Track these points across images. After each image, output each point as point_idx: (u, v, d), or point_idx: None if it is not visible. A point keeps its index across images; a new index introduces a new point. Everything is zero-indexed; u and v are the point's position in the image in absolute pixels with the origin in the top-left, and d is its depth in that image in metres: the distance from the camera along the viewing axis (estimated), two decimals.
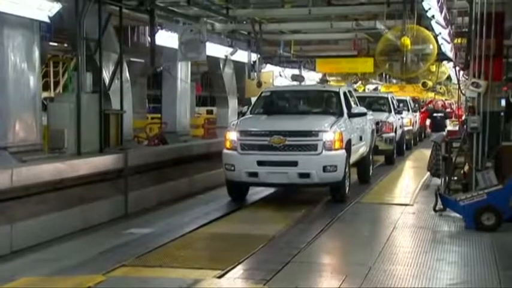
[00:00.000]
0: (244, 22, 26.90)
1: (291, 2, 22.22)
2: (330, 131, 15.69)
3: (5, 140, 13.23)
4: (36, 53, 15.07)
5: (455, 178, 15.05)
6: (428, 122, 33.95)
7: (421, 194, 17.46)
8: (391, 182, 20.85)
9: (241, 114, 20.62)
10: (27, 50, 14.76)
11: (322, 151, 15.39)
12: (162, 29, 22.38)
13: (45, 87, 28.33)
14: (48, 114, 15.74)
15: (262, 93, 19.54)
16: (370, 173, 20.75)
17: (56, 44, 21.39)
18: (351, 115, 17.71)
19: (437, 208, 14.14)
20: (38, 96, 14.65)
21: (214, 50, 26.13)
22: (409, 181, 21.38)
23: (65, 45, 20.83)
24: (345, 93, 18.63)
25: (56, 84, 31.93)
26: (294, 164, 15.42)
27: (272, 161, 15.64)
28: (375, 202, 16.78)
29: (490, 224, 12.55)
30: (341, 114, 17.31)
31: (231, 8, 23.62)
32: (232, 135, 16.12)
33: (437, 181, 16.32)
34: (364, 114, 18.64)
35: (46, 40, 18.40)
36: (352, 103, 19.07)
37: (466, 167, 14.88)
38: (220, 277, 9.60)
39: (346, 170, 16.28)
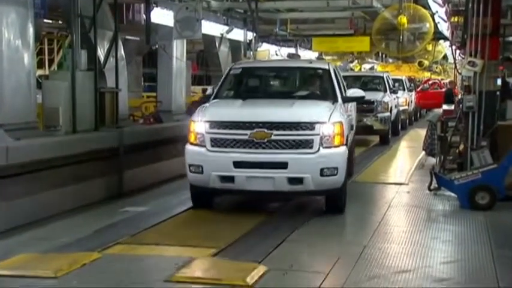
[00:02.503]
0: (240, 0, 26.95)
1: None
2: (329, 122, 12.05)
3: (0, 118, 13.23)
4: (31, 30, 14.82)
5: (451, 157, 15.14)
6: (445, 107, 27.33)
7: (416, 174, 17.49)
8: (386, 162, 20.96)
9: (205, 98, 15.07)
10: (21, 27, 14.52)
11: (319, 149, 11.83)
12: (157, 6, 22.39)
13: (40, 65, 28.38)
14: (43, 92, 15.70)
15: (231, 69, 15.11)
16: (353, 167, 16.96)
17: (50, 21, 21.41)
18: (347, 99, 14.24)
19: (432, 187, 14.28)
20: (32, 73, 14.54)
21: (210, 28, 26.28)
22: (404, 161, 21.52)
23: (60, 22, 20.81)
24: (335, 71, 14.97)
25: (51, 62, 31.97)
26: (283, 165, 11.78)
27: (253, 162, 11.93)
28: (370, 181, 16.80)
29: (484, 203, 12.68)
30: (335, 99, 13.60)
31: None
32: (198, 127, 12.30)
33: (433, 160, 16.47)
34: (362, 98, 14.70)
35: (40, 17, 18.32)
36: (342, 84, 15.28)
37: (461, 146, 15.00)
38: (215, 255, 9.70)
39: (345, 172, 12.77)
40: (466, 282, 8.55)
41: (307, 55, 39.27)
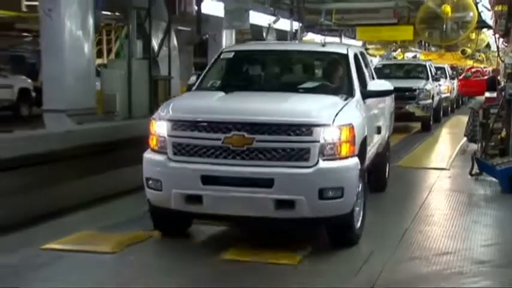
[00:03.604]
0: None
1: None
2: (333, 124, 8.16)
3: (62, 104, 13.49)
4: (91, 21, 15.36)
5: (492, 143, 14.91)
6: (488, 94, 25.86)
7: (457, 159, 17.23)
8: (427, 148, 20.75)
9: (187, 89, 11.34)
10: (82, 18, 15.07)
11: (317, 161, 7.99)
12: None
13: (99, 54, 28.85)
14: (102, 79, 16.08)
15: (221, 53, 11.10)
16: (387, 176, 13.01)
17: (108, 13, 21.72)
18: (368, 94, 10.01)
19: (473, 172, 14.11)
20: (92, 62, 14.91)
21: (258, 18, 26.52)
22: (445, 146, 21.36)
23: (117, 14, 21.10)
24: (356, 58, 10.74)
25: (109, 51, 32.56)
26: (267, 183, 7.91)
27: (228, 178, 8.07)
28: (412, 166, 16.53)
29: None
30: (350, 93, 9.57)
31: None
32: (159, 127, 8.51)
33: (474, 146, 16.22)
34: (390, 92, 10.86)
35: (99, 9, 18.60)
36: (367, 74, 11.23)
37: (503, 133, 14.70)
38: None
39: (359, 191, 8.83)
40: (506, 265, 8.42)
41: (351, 43, 39.26)
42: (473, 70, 45.97)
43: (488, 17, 26.36)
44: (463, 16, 21.10)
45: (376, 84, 10.37)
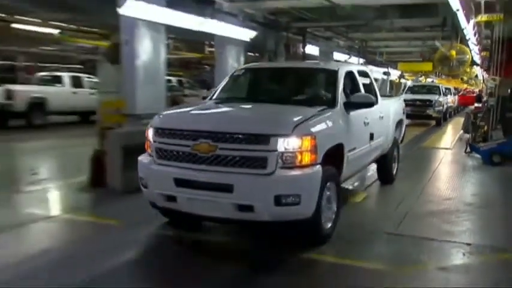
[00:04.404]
0: (356, 41, 27.15)
1: (385, 30, 22.22)
2: (293, 134, 5.77)
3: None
4: (242, 58, 15.56)
5: (479, 134, 14.72)
6: (476, 104, 23.77)
7: (457, 143, 16.99)
8: (439, 135, 20.41)
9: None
10: (237, 57, 15.40)
11: (275, 169, 5.68)
12: (309, 44, 22.51)
13: None
14: None
15: (235, 71, 8.68)
16: (394, 171, 10.15)
17: (251, 54, 22.12)
18: (351, 105, 7.26)
19: (466, 151, 14.02)
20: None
21: (339, 56, 26.60)
22: (450, 135, 20.82)
23: (256, 54, 21.58)
24: (350, 74, 8.01)
25: None
26: (228, 188, 5.79)
27: (195, 181, 5.99)
28: (430, 146, 16.37)
29: (497, 161, 12.43)
30: (332, 105, 7.00)
31: (349, 32, 23.48)
32: (149, 133, 6.54)
33: (467, 136, 15.70)
34: (370, 104, 7.47)
35: (246, 51, 19.12)
36: (362, 88, 8.16)
37: (485, 128, 14.68)
38: None
39: (328, 195, 6.29)
40: (484, 206, 8.33)
41: (395, 73, 38.93)
42: (467, 90, 46.34)
43: (477, 58, 26.57)
44: (462, 57, 20.82)
45: (358, 97, 7.30)
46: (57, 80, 20.77)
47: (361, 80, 8.25)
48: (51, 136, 16.97)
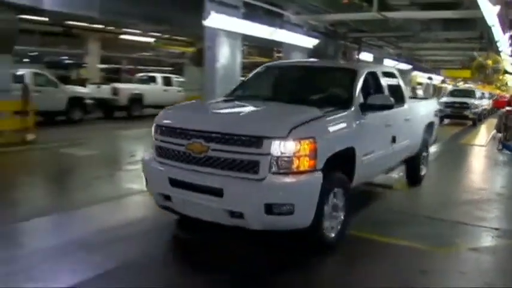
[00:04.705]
0: (404, 50, 26.75)
1: (430, 40, 21.70)
2: (289, 136, 4.31)
3: None
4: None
5: (509, 133, 13.99)
6: (508, 108, 26.13)
7: (490, 141, 16.29)
8: (474, 134, 19.65)
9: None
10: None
11: (266, 174, 4.29)
12: (364, 51, 22.29)
13: None
14: None
15: (258, 68, 6.99)
16: (422, 173, 8.51)
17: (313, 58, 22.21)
18: (367, 107, 5.58)
19: (498, 148, 13.60)
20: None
21: (388, 62, 26.20)
22: (484, 134, 20.25)
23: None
24: (372, 75, 6.39)
25: None
26: (218, 192, 4.43)
27: (187, 183, 4.64)
28: (467, 143, 15.86)
29: None
30: (346, 106, 5.35)
31: (399, 42, 23.15)
32: (153, 130, 5.19)
33: (500, 135, 15.30)
34: (388, 107, 5.75)
35: (309, 56, 19.17)
36: (385, 90, 6.53)
37: None
38: None
39: (332, 203, 4.81)
40: None
41: (438, 78, 37.91)
42: (500, 95, 44.57)
43: (509, 68, 25.57)
44: (497, 66, 20.06)
45: (375, 99, 5.66)
46: (152, 80, 21.64)
47: (387, 82, 6.75)
48: (147, 125, 16.98)
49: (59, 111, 16.51)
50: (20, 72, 14.82)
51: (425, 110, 8.43)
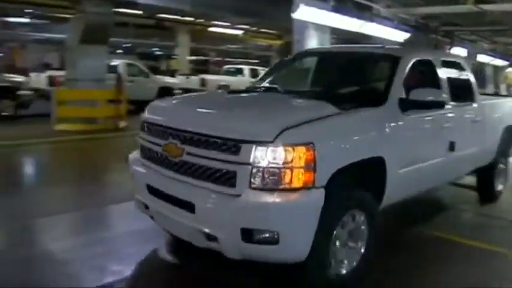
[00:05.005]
0: (499, 44, 25.45)
1: None
2: (277, 141, 3.03)
3: None
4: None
5: None
6: None
7: None
8: None
9: None
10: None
11: (244, 190, 3.05)
12: (456, 46, 21.19)
13: None
14: None
15: (297, 53, 6.19)
16: (499, 189, 6.63)
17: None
18: (411, 104, 4.06)
19: None
20: None
21: (482, 58, 24.80)
22: None
23: None
24: (423, 64, 4.74)
25: None
26: (190, 207, 3.27)
27: (161, 191, 3.57)
28: None
29: None
30: (378, 101, 3.92)
31: (494, 36, 22.18)
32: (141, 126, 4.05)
33: None
34: (437, 104, 4.22)
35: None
36: (444, 83, 4.89)
37: None
38: None
39: (347, 230, 3.52)
40: None
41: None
42: None
43: None
44: None
45: (419, 93, 4.14)
46: (239, 72, 22.18)
47: (449, 74, 5.20)
48: None
49: (149, 100, 17.22)
50: (114, 62, 15.68)
51: (504, 110, 6.66)
